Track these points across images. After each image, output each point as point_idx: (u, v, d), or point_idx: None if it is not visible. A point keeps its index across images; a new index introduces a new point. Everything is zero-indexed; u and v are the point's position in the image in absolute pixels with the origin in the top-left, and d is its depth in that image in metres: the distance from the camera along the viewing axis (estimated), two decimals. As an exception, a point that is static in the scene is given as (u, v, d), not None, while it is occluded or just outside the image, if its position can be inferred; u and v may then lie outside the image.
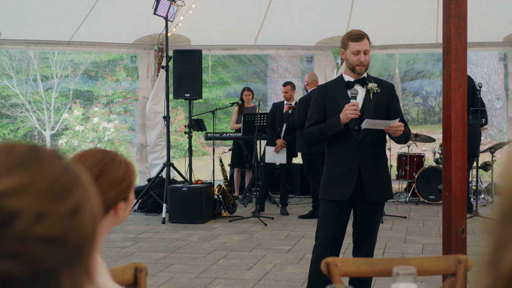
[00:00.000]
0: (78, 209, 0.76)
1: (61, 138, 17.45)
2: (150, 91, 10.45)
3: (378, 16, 10.04)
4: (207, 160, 16.53)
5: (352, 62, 3.93)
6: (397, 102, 4.06)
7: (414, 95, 19.43)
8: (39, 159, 0.76)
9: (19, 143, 0.78)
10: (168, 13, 8.63)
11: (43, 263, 0.72)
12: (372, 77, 4.04)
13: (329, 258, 2.38)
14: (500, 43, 10.42)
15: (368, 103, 3.93)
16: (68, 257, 0.74)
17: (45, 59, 17.57)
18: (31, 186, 0.73)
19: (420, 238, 7.04)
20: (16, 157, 0.75)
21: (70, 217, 0.75)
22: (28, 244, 0.71)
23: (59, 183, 0.75)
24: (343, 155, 3.93)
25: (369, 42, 3.99)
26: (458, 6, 3.35)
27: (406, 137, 3.96)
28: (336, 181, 3.94)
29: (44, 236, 0.72)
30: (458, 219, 3.39)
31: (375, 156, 3.94)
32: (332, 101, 3.96)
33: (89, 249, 0.77)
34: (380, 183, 3.94)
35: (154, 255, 6.34)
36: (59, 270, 0.73)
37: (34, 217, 0.71)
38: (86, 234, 0.76)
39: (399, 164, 9.87)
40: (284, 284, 5.26)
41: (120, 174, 1.79)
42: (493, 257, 0.68)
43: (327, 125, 3.90)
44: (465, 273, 2.37)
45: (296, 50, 11.15)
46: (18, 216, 0.71)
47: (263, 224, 7.95)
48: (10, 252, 0.70)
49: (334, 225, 3.94)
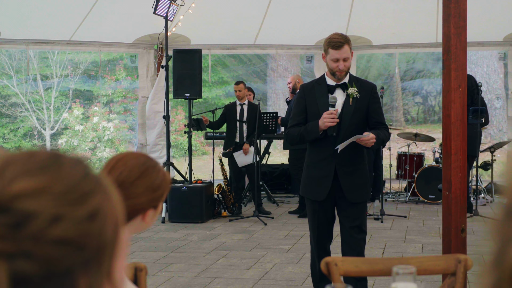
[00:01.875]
0: (97, 213, 0.77)
1: (61, 137, 17.44)
2: (150, 91, 10.45)
3: (378, 16, 10.04)
4: (207, 159, 16.53)
5: (331, 68, 4.04)
6: (378, 103, 4.17)
7: (414, 95, 19.43)
8: (59, 164, 0.78)
9: (41, 150, 0.80)
10: (168, 13, 8.63)
11: (58, 265, 0.73)
12: (355, 79, 4.12)
13: (329, 257, 2.39)
14: (500, 43, 10.42)
15: (347, 109, 4.06)
16: (85, 260, 0.75)
17: (45, 59, 17.56)
18: (49, 189, 0.75)
19: (420, 237, 7.04)
20: (36, 161, 0.77)
21: (88, 221, 0.76)
22: (43, 244, 0.72)
23: (78, 187, 0.77)
24: (320, 158, 4.10)
25: (350, 46, 4.05)
26: (458, 6, 3.35)
27: (381, 143, 4.13)
28: (313, 182, 4.14)
29: (60, 238, 0.73)
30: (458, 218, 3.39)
31: (352, 160, 4.08)
32: (313, 104, 4.09)
33: (110, 254, 0.78)
34: (358, 184, 4.09)
35: (154, 254, 6.34)
36: (75, 273, 0.74)
37: (50, 219, 0.73)
38: (106, 239, 0.77)
39: (399, 164, 9.87)
40: (284, 283, 5.27)
41: (157, 181, 1.82)
42: (498, 253, 0.69)
43: (306, 130, 4.05)
44: (464, 273, 2.37)
45: (296, 50, 11.15)
46: (34, 217, 0.72)
47: (263, 223, 7.96)
48: (25, 252, 0.71)
49: (317, 222, 4.13)
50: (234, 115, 8.74)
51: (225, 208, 8.66)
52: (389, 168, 10.19)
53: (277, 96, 18.53)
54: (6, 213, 0.72)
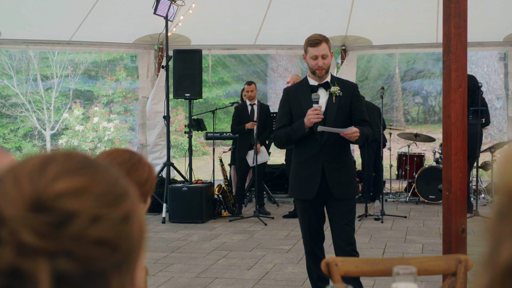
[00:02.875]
0: (129, 217, 0.78)
1: (61, 138, 17.44)
2: (150, 91, 10.45)
3: (378, 16, 10.04)
4: (207, 159, 16.53)
5: (311, 66, 4.15)
6: (360, 102, 4.26)
7: (414, 95, 19.43)
8: (96, 166, 0.80)
9: (76, 151, 0.81)
10: (168, 13, 8.63)
11: (96, 265, 0.74)
12: (336, 79, 4.24)
13: (329, 258, 2.39)
14: (500, 43, 10.42)
15: (330, 106, 4.14)
16: (118, 262, 0.76)
17: (45, 59, 17.57)
18: (89, 189, 0.76)
19: (420, 238, 7.04)
20: (75, 161, 0.79)
21: (122, 223, 0.77)
22: (84, 244, 0.73)
23: (114, 190, 0.78)
24: (308, 156, 4.15)
25: (329, 46, 4.17)
26: (458, 6, 3.35)
27: (365, 139, 4.18)
28: (302, 181, 4.18)
29: (99, 238, 0.74)
30: (458, 218, 3.39)
31: (339, 157, 4.15)
32: (297, 105, 4.17)
33: (136, 257, 0.79)
34: (345, 181, 4.15)
35: (154, 254, 6.34)
36: (109, 274, 0.75)
37: (90, 219, 0.74)
38: (134, 242, 0.79)
39: (399, 164, 9.87)
40: (284, 283, 5.27)
41: (144, 176, 1.82)
42: (490, 253, 0.70)
43: (292, 129, 4.12)
44: (465, 273, 2.37)
45: (296, 50, 11.14)
46: (76, 216, 0.73)
47: (263, 223, 7.96)
48: (67, 251, 0.72)
49: (308, 222, 4.18)
50: (246, 115, 8.76)
51: (225, 208, 8.66)
52: (389, 168, 10.19)
53: (277, 96, 18.53)
54: (49, 212, 0.73)
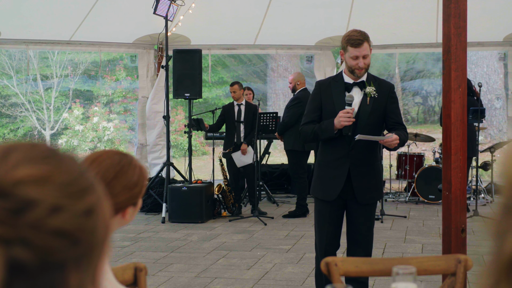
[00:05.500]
0: (92, 211, 0.77)
1: (61, 137, 17.45)
2: (150, 91, 10.45)
3: (378, 16, 10.03)
4: (207, 159, 16.53)
5: (350, 65, 3.89)
6: (396, 104, 4.01)
7: (414, 95, 19.43)
8: (60, 157, 0.79)
9: (41, 142, 0.80)
10: (168, 13, 8.63)
11: (53, 256, 0.73)
12: (372, 78, 3.98)
13: (329, 258, 2.38)
14: (500, 43, 10.42)
15: (363, 108, 3.91)
16: (78, 256, 0.75)
17: (45, 59, 17.56)
18: (52, 179, 0.75)
19: (420, 237, 7.04)
20: (39, 151, 0.78)
21: (85, 216, 0.76)
22: (42, 234, 0.72)
23: (78, 182, 0.77)
24: (334, 157, 3.94)
25: (369, 43, 3.90)
26: (458, 6, 3.35)
27: (402, 144, 3.95)
28: (325, 181, 3.97)
29: (58, 229, 0.73)
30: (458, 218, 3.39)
31: (367, 160, 3.94)
32: (329, 101, 3.93)
33: (98, 253, 0.78)
34: (372, 185, 3.96)
35: (154, 254, 6.34)
36: (68, 267, 0.74)
37: (50, 208, 0.73)
38: (98, 238, 0.78)
39: (399, 164, 9.87)
40: (284, 283, 5.26)
41: (134, 179, 1.79)
42: (495, 247, 0.70)
43: (321, 128, 3.89)
44: (464, 273, 2.37)
45: (296, 50, 11.14)
46: (35, 205, 0.72)
47: (263, 223, 7.96)
48: (23, 239, 0.71)
49: (328, 224, 3.96)
50: (232, 115, 8.75)
51: (225, 208, 8.66)
52: (389, 168, 10.19)
53: (277, 96, 18.54)
54: (7, 198, 0.72)
